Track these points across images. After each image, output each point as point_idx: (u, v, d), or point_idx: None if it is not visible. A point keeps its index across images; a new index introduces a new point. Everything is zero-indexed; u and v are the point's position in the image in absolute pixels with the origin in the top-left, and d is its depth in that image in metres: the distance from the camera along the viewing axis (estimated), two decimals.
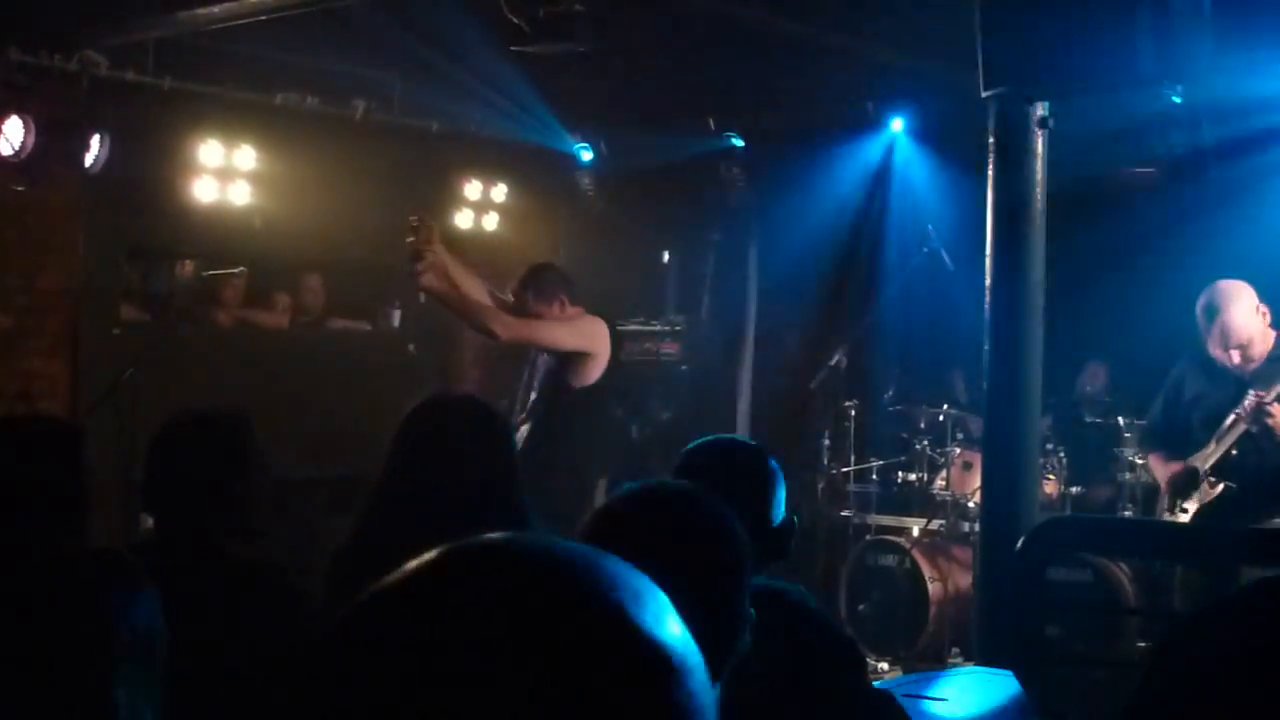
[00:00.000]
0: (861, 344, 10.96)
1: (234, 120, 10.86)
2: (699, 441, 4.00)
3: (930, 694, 4.87)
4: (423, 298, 8.12)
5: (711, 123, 11.90)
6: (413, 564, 1.24)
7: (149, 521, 4.40)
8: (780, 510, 3.79)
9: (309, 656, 1.20)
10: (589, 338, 8.33)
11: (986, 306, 7.98)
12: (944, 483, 10.60)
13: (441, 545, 1.24)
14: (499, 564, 1.22)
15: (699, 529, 2.72)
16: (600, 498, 8.09)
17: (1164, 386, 8.46)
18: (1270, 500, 7.73)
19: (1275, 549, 6.12)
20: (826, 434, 11.25)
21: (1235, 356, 7.92)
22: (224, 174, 10.93)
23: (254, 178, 11.03)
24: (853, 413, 11.06)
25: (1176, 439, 8.31)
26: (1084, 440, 10.56)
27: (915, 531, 10.61)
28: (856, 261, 12.07)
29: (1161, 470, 8.43)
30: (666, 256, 14.14)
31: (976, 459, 9.62)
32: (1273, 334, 8.04)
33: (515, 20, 8.36)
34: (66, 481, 3.87)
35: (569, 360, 8.30)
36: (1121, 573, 9.54)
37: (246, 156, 10.96)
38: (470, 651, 1.14)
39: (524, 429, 8.19)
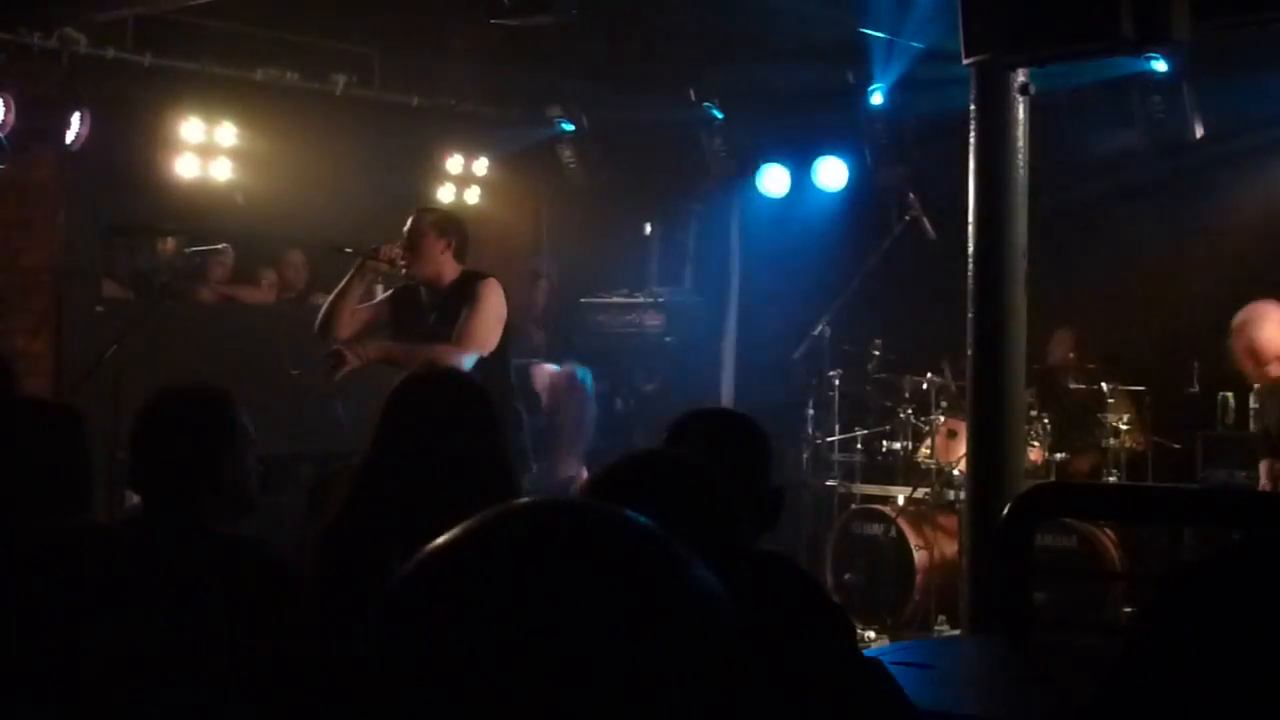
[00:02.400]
0: (844, 313, 10.95)
1: (214, 96, 10.85)
2: (688, 412, 4.00)
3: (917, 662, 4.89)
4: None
5: (692, 93, 11.89)
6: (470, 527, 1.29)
7: (134, 499, 4.39)
8: (770, 480, 3.79)
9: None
10: (503, 309, 8.05)
11: (969, 275, 7.98)
12: (929, 451, 10.62)
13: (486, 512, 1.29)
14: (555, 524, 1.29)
15: (693, 492, 2.74)
16: None
17: None
18: None
19: (1262, 509, 6.13)
20: (810, 404, 11.26)
21: None
22: (205, 150, 10.93)
23: (235, 154, 11.02)
24: (836, 382, 11.07)
25: None
26: (1067, 407, 10.58)
27: (900, 500, 10.62)
28: (838, 230, 12.07)
29: None
30: (649, 228, 14.12)
31: (961, 427, 9.63)
32: None
33: None
34: (73, 461, 3.89)
35: None
36: (1107, 538, 9.58)
37: (227, 133, 10.96)
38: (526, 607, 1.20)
39: None
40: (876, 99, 11.27)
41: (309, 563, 4.35)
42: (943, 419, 10.58)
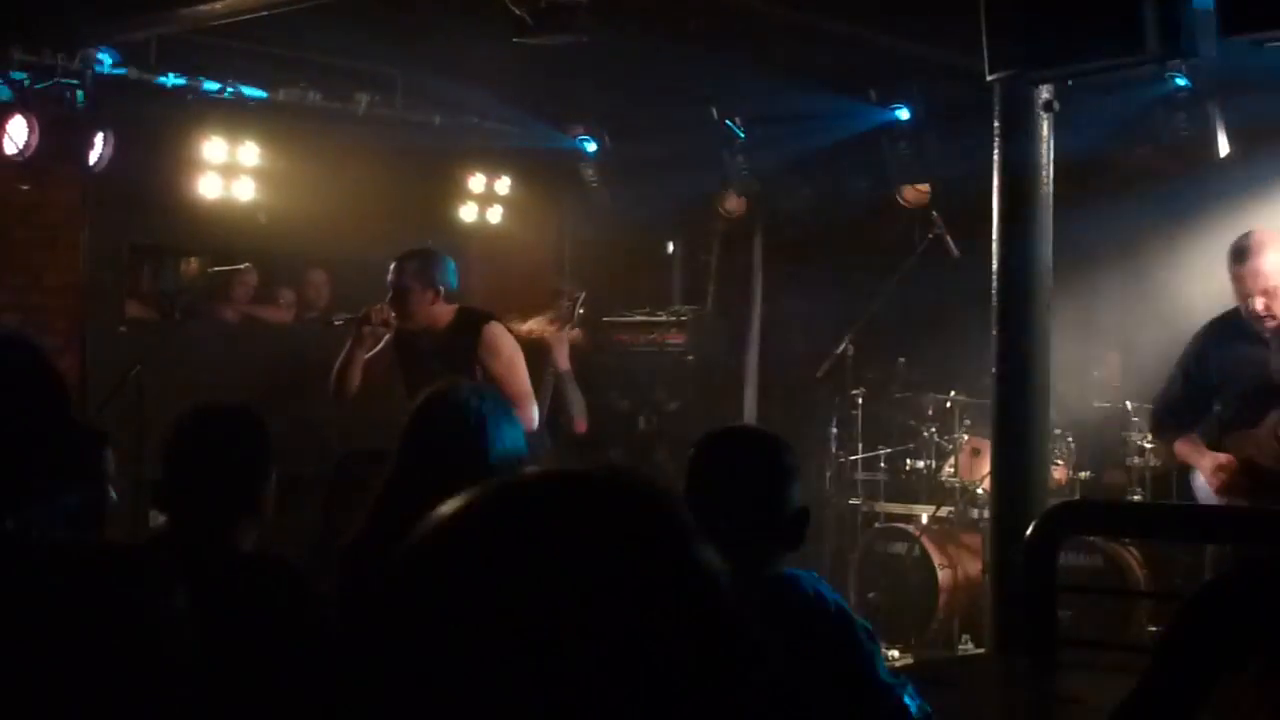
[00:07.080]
0: (867, 332, 10.93)
1: (237, 116, 10.87)
2: (715, 430, 3.99)
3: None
4: None
5: (714, 111, 11.88)
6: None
7: (159, 518, 4.39)
8: (794, 499, 3.78)
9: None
10: (517, 348, 8.12)
11: (994, 292, 7.95)
12: (952, 469, 10.59)
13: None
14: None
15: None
16: None
17: (1181, 363, 7.97)
18: None
19: None
20: (834, 422, 11.24)
21: (1259, 304, 7.51)
22: (228, 170, 10.95)
23: (258, 174, 11.05)
24: (860, 401, 11.05)
25: (1195, 420, 8.03)
26: (1092, 425, 10.54)
27: (924, 519, 10.59)
28: (861, 249, 12.05)
29: (1201, 457, 7.80)
30: (671, 247, 14.12)
31: (985, 445, 9.60)
32: None
33: (517, 11, 8.33)
34: (94, 483, 3.89)
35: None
36: (1131, 557, 9.54)
37: (250, 152, 10.99)
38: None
39: None
40: (900, 116, 11.25)
41: (337, 576, 4.34)
42: (966, 437, 10.56)
